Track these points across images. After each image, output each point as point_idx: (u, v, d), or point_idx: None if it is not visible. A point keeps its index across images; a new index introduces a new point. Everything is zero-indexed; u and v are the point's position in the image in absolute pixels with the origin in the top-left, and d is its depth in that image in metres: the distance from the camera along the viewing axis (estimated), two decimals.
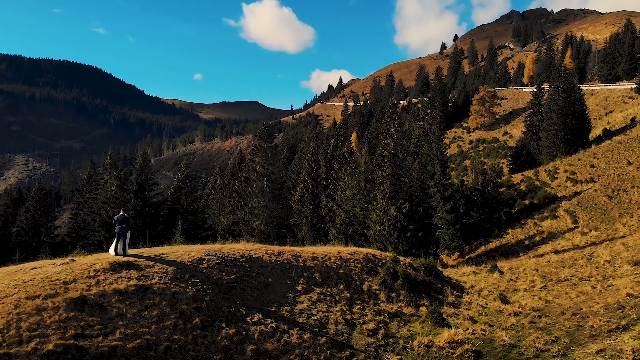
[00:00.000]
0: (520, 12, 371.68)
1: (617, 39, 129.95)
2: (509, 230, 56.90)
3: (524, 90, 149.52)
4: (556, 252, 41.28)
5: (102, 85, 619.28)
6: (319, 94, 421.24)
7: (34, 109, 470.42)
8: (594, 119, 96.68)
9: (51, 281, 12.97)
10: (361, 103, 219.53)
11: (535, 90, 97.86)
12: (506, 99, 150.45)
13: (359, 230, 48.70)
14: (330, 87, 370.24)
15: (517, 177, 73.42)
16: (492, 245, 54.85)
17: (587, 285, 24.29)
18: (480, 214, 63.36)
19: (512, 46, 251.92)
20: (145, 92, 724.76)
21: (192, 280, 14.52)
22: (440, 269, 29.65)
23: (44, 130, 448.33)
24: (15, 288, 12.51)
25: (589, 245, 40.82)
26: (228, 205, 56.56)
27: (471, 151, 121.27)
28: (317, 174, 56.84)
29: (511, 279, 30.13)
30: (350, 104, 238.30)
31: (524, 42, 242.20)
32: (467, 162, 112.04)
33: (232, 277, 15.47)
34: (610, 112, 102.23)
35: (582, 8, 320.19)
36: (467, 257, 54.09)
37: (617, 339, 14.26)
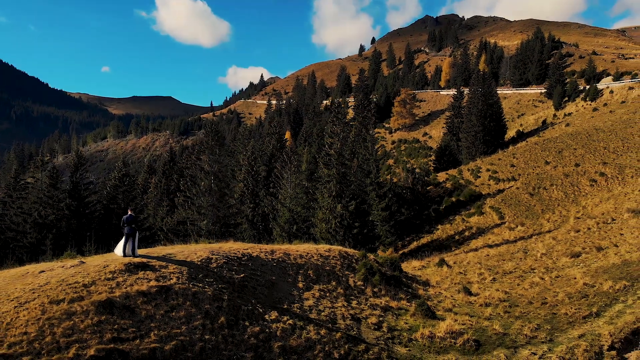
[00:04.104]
0: (434, 17, 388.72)
1: (527, 46, 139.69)
2: (439, 226, 59.40)
3: (441, 93, 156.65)
4: (490, 246, 43.93)
5: (3, 77, 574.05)
6: (237, 91, 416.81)
7: None
8: (507, 121, 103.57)
9: (69, 284, 12.42)
10: (284, 101, 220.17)
11: (455, 93, 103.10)
12: (424, 101, 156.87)
13: (302, 229, 49.28)
14: (251, 84, 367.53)
15: (442, 176, 76.73)
16: (424, 241, 57.08)
17: (535, 277, 26.27)
18: (411, 211, 65.72)
19: (427, 50, 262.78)
20: (50, 85, 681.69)
21: (207, 280, 14.43)
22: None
23: None
24: (33, 293, 11.88)
25: (518, 239, 43.92)
26: (165, 205, 55.11)
27: (394, 151, 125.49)
28: (257, 173, 56.73)
29: (460, 272, 31.94)
30: (274, 102, 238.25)
31: (439, 47, 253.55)
32: (391, 162, 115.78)
33: (242, 276, 15.52)
34: (522, 114, 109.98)
35: (492, 15, 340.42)
36: (400, 252, 55.99)
37: (592, 324, 15.92)
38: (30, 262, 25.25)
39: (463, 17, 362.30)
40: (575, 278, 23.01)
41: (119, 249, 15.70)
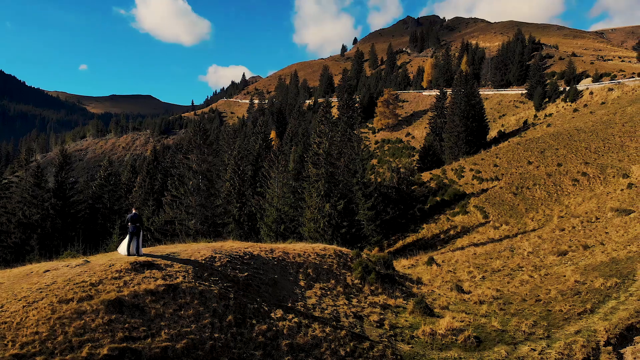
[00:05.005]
0: (415, 18, 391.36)
1: (508, 48, 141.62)
2: (424, 225, 59.80)
3: (423, 93, 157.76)
4: (475, 245, 44.43)
5: None
6: (218, 90, 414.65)
7: None
8: (489, 121, 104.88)
9: (77, 284, 12.35)
10: (266, 101, 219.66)
11: (438, 93, 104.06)
12: (407, 101, 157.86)
13: (290, 228, 49.35)
14: (233, 83, 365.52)
15: (426, 176, 77.31)
16: (409, 240, 57.42)
17: (524, 275, 26.71)
18: (396, 210, 66.03)
19: (409, 51, 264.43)
20: (27, 84, 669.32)
21: (212, 278, 14.46)
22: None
23: None
24: (41, 292, 11.79)
25: (504, 238, 44.50)
26: (151, 205, 54.65)
27: (377, 151, 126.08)
28: (244, 172, 56.60)
29: (450, 271, 32.31)
30: (256, 101, 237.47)
31: (421, 48, 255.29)
32: (374, 162, 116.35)
33: (245, 274, 15.60)
34: (504, 115, 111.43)
35: (473, 17, 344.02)
36: (386, 251, 56.27)
37: (588, 320, 16.34)
38: (16, 262, 24.91)
39: (444, 18, 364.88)
40: (565, 276, 23.46)
41: (123, 247, 15.60)
